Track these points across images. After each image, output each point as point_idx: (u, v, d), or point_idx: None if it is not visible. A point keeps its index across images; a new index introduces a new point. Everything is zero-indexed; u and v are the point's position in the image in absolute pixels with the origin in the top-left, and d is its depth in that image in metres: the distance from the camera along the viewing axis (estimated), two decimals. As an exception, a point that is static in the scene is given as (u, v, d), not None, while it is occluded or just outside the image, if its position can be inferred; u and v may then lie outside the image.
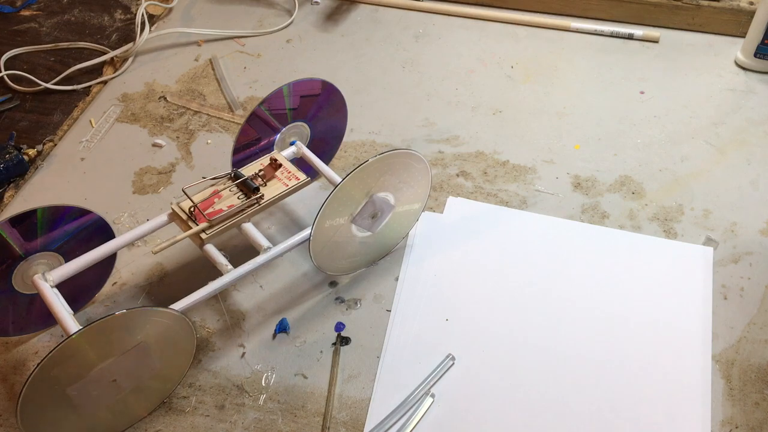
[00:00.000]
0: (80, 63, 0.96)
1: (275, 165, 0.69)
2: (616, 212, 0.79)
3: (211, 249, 0.65)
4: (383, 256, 0.74)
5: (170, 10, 1.06)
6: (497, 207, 0.80)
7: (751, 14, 0.95)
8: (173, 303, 0.61)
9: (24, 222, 0.62)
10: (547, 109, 0.92)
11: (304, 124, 0.76)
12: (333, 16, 1.06)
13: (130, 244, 0.73)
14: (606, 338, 0.68)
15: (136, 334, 0.57)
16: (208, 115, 0.91)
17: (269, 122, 0.74)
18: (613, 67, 0.97)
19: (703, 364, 0.66)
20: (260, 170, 0.69)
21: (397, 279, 0.73)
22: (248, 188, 0.66)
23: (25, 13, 1.04)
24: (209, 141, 0.88)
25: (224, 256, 0.65)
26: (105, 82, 0.95)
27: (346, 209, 0.65)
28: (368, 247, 0.71)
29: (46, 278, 0.61)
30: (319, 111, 0.76)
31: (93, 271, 0.67)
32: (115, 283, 0.73)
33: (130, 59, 0.98)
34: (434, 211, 0.79)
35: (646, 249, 0.75)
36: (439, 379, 0.65)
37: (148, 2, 1.04)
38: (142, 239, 0.73)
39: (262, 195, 0.67)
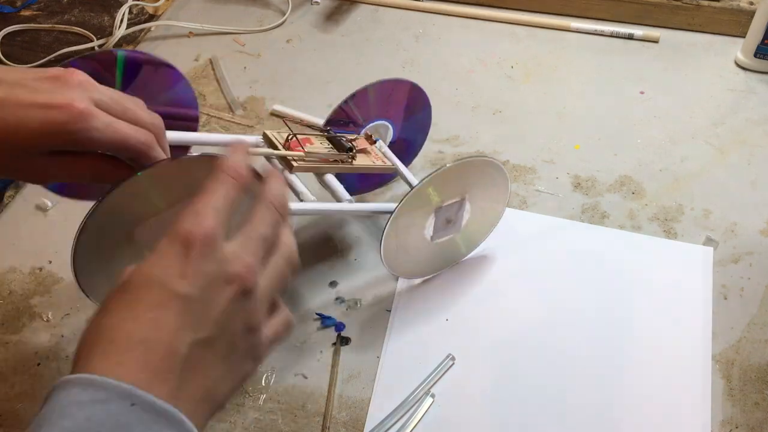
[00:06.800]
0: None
1: (371, 140, 0.70)
2: (616, 212, 0.79)
3: (295, 178, 0.64)
4: (462, 257, 0.73)
5: (166, 9, 1.06)
6: (497, 207, 0.80)
7: (751, 14, 0.95)
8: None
9: None
10: (547, 109, 0.92)
11: (388, 124, 0.75)
12: (333, 16, 1.06)
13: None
14: (605, 337, 0.68)
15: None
16: (208, 115, 0.91)
17: (354, 119, 0.73)
18: (613, 67, 0.97)
19: (703, 364, 0.66)
20: (353, 138, 0.69)
21: (397, 279, 0.73)
22: (341, 147, 0.67)
23: (25, 13, 1.04)
24: (209, 141, 0.88)
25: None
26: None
27: (420, 215, 0.66)
28: (445, 251, 0.71)
29: None
30: (404, 112, 0.76)
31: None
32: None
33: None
34: (434, 211, 0.79)
35: (646, 249, 0.75)
36: (439, 379, 0.65)
37: (134, 1, 1.04)
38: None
39: (355, 156, 0.67)
